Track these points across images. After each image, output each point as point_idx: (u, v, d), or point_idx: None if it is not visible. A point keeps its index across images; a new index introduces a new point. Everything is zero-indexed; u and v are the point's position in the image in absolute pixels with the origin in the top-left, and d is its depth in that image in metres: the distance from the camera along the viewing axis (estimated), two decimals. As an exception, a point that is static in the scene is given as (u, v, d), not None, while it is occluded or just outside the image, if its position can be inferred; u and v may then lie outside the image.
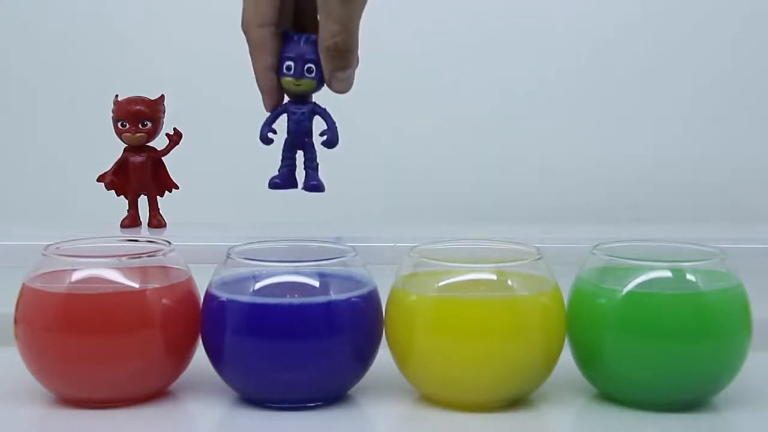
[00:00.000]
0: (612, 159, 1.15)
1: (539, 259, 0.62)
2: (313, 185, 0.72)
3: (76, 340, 0.59)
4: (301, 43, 0.69)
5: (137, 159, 0.77)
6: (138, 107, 0.76)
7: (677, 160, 1.15)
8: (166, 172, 0.79)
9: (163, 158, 0.78)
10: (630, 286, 0.60)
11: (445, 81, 1.15)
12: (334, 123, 0.71)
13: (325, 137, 0.70)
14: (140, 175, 0.78)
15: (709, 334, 0.59)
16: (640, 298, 0.60)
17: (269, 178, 0.72)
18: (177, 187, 0.79)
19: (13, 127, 1.18)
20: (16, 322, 0.62)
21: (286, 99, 0.72)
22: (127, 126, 0.76)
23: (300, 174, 0.72)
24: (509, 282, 0.60)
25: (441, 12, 1.14)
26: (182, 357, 0.63)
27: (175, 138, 0.78)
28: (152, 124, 0.76)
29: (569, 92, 1.16)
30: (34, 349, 0.61)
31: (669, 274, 0.60)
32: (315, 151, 0.71)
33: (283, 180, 0.72)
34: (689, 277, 0.60)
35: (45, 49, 1.17)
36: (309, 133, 0.71)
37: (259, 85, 0.70)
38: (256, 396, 0.62)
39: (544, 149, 1.15)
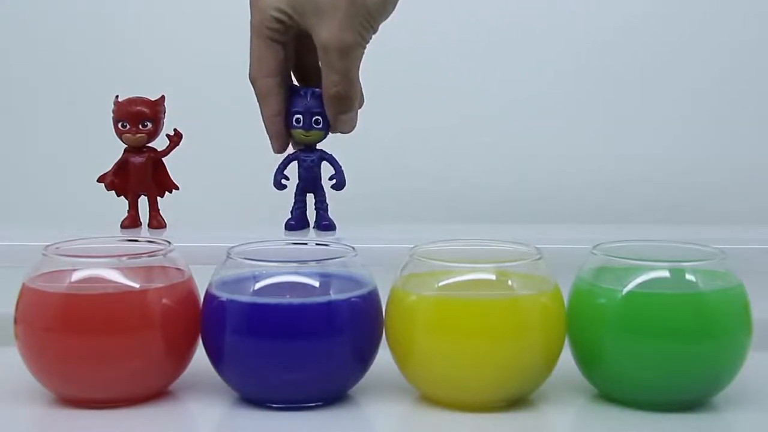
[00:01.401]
0: (612, 159, 1.15)
1: (539, 259, 0.62)
2: (326, 225, 0.78)
3: (76, 340, 0.59)
4: (308, 98, 0.75)
5: (137, 159, 0.78)
6: (138, 108, 0.76)
7: (677, 161, 1.15)
8: (166, 172, 0.79)
9: (163, 159, 0.78)
10: (630, 286, 0.60)
11: (446, 82, 1.15)
12: (341, 167, 0.77)
13: (334, 181, 0.77)
14: (140, 175, 0.78)
15: (709, 334, 0.59)
16: (640, 298, 0.60)
17: (285, 221, 0.78)
18: (177, 188, 0.79)
19: (13, 127, 1.18)
20: (16, 322, 0.62)
21: (294, 147, 0.78)
22: (128, 127, 0.76)
23: (311, 215, 0.79)
24: (509, 282, 0.60)
25: (441, 12, 1.14)
26: (182, 357, 0.63)
27: (176, 139, 0.78)
28: (153, 124, 0.76)
29: (570, 93, 1.16)
30: (34, 349, 0.61)
31: (669, 274, 0.60)
32: (325, 194, 0.78)
33: (297, 222, 0.78)
34: (689, 277, 0.60)
35: (45, 49, 1.17)
36: (318, 177, 0.78)
37: (267, 131, 0.76)
38: (256, 396, 0.62)
39: (544, 150, 1.15)
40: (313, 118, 0.75)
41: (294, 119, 0.76)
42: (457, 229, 0.77)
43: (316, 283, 0.61)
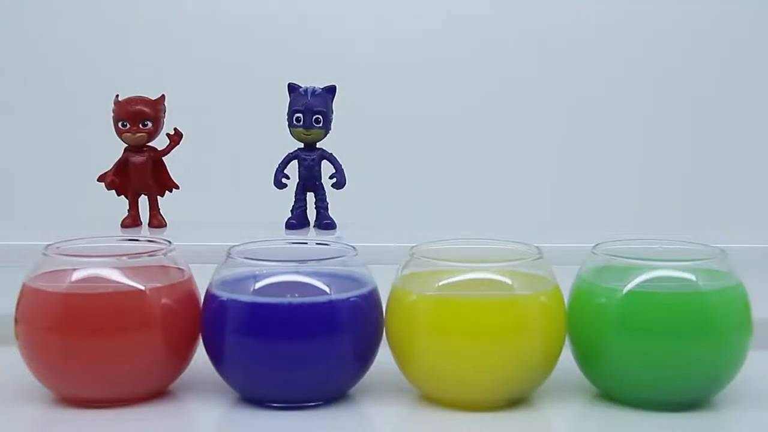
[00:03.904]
0: (612, 159, 1.15)
1: (539, 258, 0.62)
2: (326, 224, 0.78)
3: (76, 340, 0.59)
4: (309, 96, 0.75)
5: (138, 159, 0.78)
6: (138, 107, 0.76)
7: (677, 160, 1.15)
8: (167, 172, 0.79)
9: (163, 158, 0.78)
10: (630, 286, 0.60)
11: (448, 85, 1.16)
12: (341, 166, 0.77)
13: (334, 180, 0.77)
14: (141, 175, 0.78)
15: (709, 333, 0.59)
16: (640, 298, 0.60)
17: (285, 219, 0.78)
18: (177, 187, 0.79)
19: (13, 127, 1.18)
20: (16, 322, 0.62)
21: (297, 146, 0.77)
22: (128, 126, 0.76)
23: (311, 213, 0.79)
24: (509, 281, 0.60)
25: (452, 16, 1.15)
26: (182, 357, 0.63)
27: (176, 138, 0.78)
28: (153, 124, 0.76)
29: (570, 92, 1.16)
30: (34, 349, 0.61)
31: (669, 273, 0.60)
32: (325, 193, 0.78)
33: (298, 221, 0.78)
34: (689, 276, 0.60)
35: (45, 48, 1.17)
36: (319, 176, 0.78)
37: None
38: (256, 396, 0.62)
39: (543, 150, 1.15)
40: (314, 117, 0.75)
41: (294, 118, 0.75)
42: (457, 229, 0.77)
43: (316, 283, 0.61)
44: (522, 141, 1.15)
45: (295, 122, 0.75)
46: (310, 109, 0.75)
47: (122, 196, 0.79)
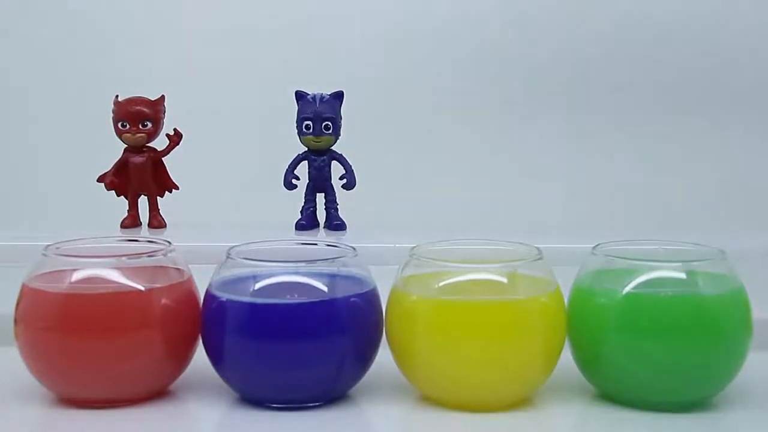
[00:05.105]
0: (612, 159, 1.15)
1: (540, 259, 0.62)
2: (337, 225, 0.78)
3: (76, 340, 0.59)
4: (317, 103, 0.74)
5: (137, 159, 0.78)
6: (138, 108, 0.76)
7: (677, 160, 1.15)
8: (166, 172, 0.79)
9: (163, 159, 0.78)
10: (630, 287, 0.60)
11: (449, 85, 1.16)
12: (351, 167, 0.77)
13: (344, 180, 0.77)
14: (140, 175, 0.78)
15: (709, 334, 0.59)
16: (640, 299, 0.60)
17: (296, 221, 0.78)
18: (177, 188, 0.79)
19: (13, 128, 1.18)
20: (16, 322, 0.62)
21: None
22: (128, 126, 0.76)
23: (321, 214, 0.79)
24: (510, 282, 0.60)
25: (453, 16, 1.15)
26: (182, 357, 0.63)
27: (176, 138, 0.78)
28: (152, 124, 0.76)
29: (570, 92, 1.16)
30: (34, 349, 0.61)
31: (669, 274, 0.60)
32: (335, 193, 0.77)
33: (308, 221, 0.78)
34: (689, 277, 0.60)
35: (45, 49, 1.17)
36: (329, 177, 0.78)
37: None
38: (256, 396, 0.62)
39: (543, 150, 1.15)
40: (323, 124, 0.75)
41: (303, 126, 0.75)
42: (457, 228, 0.77)
43: (316, 283, 0.61)
44: (522, 141, 1.15)
45: (304, 129, 0.75)
46: (320, 116, 0.75)
47: (122, 196, 0.79)
